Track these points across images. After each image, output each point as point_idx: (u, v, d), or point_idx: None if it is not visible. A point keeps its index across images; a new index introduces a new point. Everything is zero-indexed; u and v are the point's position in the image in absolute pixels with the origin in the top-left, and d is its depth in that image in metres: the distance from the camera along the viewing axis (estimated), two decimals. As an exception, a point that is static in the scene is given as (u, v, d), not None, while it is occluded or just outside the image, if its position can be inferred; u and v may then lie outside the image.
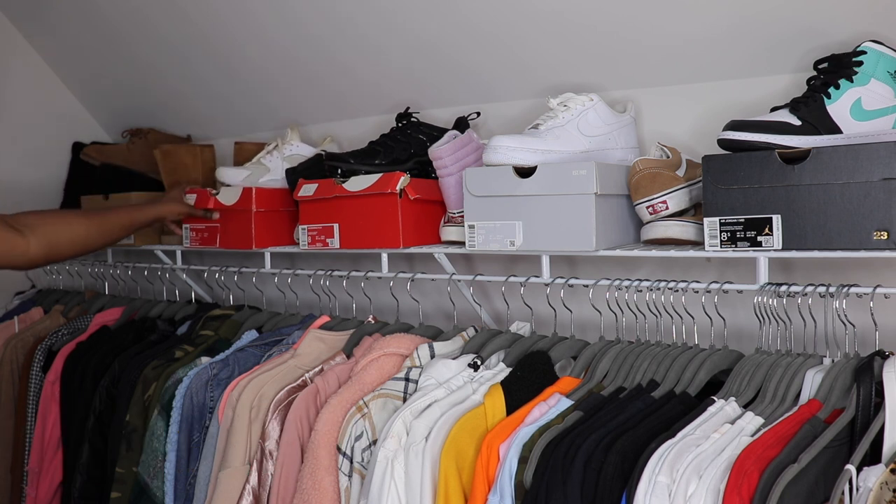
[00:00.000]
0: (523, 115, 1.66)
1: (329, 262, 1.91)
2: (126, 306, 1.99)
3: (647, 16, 1.40)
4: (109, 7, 2.06)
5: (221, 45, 1.98)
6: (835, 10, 1.26)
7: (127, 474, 1.54)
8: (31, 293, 2.33)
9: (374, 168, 1.58)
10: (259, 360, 1.55)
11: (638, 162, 1.32)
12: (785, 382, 1.10)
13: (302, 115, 2.04)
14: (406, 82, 1.80)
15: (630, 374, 1.21)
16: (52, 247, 1.56)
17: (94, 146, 2.28)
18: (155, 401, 1.54)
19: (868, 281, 1.18)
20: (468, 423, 1.15)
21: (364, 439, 1.24)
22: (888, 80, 1.17)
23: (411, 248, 1.54)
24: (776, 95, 1.35)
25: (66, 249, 1.60)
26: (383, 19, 1.67)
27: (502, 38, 1.58)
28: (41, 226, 1.55)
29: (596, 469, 1.00)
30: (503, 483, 1.07)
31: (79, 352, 1.80)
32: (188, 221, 1.89)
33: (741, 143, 1.18)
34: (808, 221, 1.14)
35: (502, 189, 1.36)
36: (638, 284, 1.29)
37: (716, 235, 1.21)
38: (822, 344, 1.21)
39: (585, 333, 1.49)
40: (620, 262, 1.56)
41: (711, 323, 1.27)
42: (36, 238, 1.53)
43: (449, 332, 1.46)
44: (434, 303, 1.81)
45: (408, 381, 1.30)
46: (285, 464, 1.30)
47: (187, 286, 2.02)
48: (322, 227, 1.62)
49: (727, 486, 0.92)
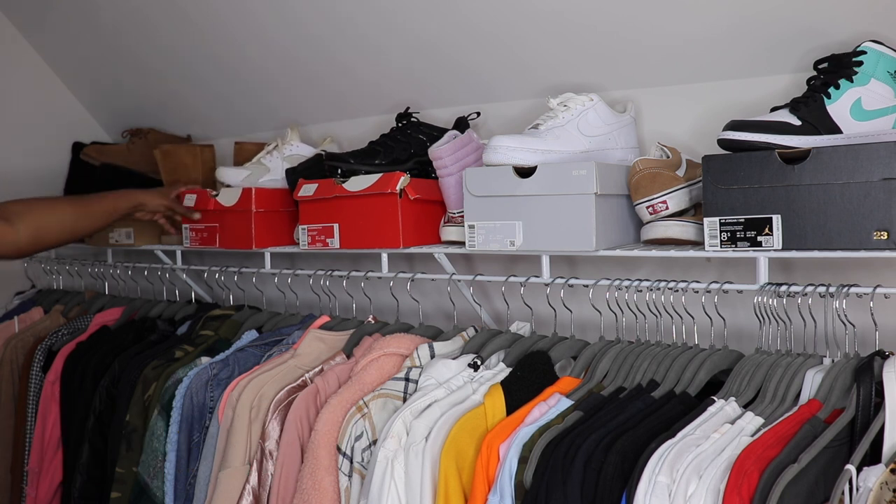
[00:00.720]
0: (523, 115, 1.66)
1: (329, 262, 1.91)
2: (126, 306, 1.99)
3: (647, 16, 1.40)
4: (109, 7, 2.06)
5: (221, 45, 1.98)
6: (835, 10, 1.26)
7: (127, 474, 1.54)
8: (31, 293, 2.32)
9: (374, 168, 1.58)
10: (259, 360, 1.55)
11: (638, 162, 1.32)
12: (785, 382, 1.10)
13: (302, 115, 2.04)
14: (406, 82, 1.80)
15: (630, 374, 1.21)
16: (41, 234, 1.56)
17: (94, 146, 2.28)
18: (155, 401, 1.54)
19: (868, 281, 1.18)
20: (468, 423, 1.15)
21: (364, 439, 1.24)
22: (888, 80, 1.17)
23: (411, 248, 1.54)
24: (776, 95, 1.35)
25: (53, 236, 1.61)
26: (383, 19, 1.67)
27: (502, 38, 1.58)
28: (28, 213, 1.55)
29: (596, 469, 1.00)
30: (503, 483, 1.07)
31: (79, 352, 1.80)
32: (187, 221, 1.89)
33: (741, 143, 1.18)
34: (808, 221, 1.14)
35: (502, 189, 1.36)
36: (638, 284, 1.29)
37: (716, 235, 1.21)
38: (822, 344, 1.21)
39: (585, 333, 1.49)
40: (620, 262, 1.56)
41: (711, 323, 1.27)
42: (24, 226, 1.53)
43: (449, 332, 1.46)
44: (434, 303, 1.81)
45: (408, 381, 1.30)
46: (285, 464, 1.30)
47: (187, 286, 2.02)
48: (322, 227, 1.62)
49: (727, 486, 0.92)
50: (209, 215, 1.84)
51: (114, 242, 2.09)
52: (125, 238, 2.07)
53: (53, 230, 1.59)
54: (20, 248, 1.54)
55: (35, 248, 1.59)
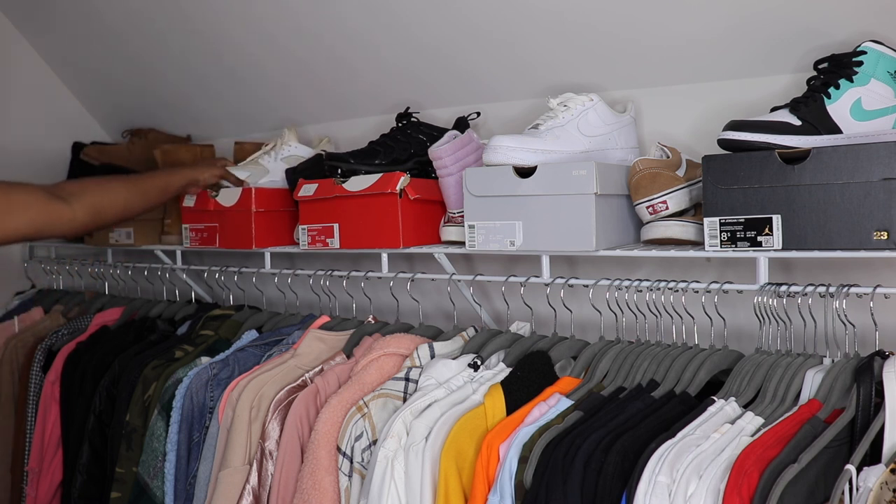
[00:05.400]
0: (523, 115, 1.66)
1: (329, 262, 1.91)
2: (126, 306, 1.99)
3: (647, 16, 1.40)
4: (109, 7, 2.06)
5: (221, 45, 1.98)
6: (835, 10, 1.26)
7: (127, 474, 1.54)
8: (31, 293, 2.32)
9: (374, 168, 1.58)
10: (259, 360, 1.55)
11: (638, 162, 1.32)
12: (785, 382, 1.11)
13: (302, 115, 2.04)
14: (406, 82, 1.80)
15: (630, 374, 1.21)
16: (98, 212, 1.59)
17: (94, 146, 2.27)
18: (155, 401, 1.54)
19: (868, 281, 1.18)
20: (468, 423, 1.15)
21: (364, 439, 1.24)
22: (888, 80, 1.17)
23: (411, 248, 1.54)
24: (776, 95, 1.35)
25: (109, 215, 1.63)
26: (383, 19, 1.67)
27: (502, 38, 1.58)
28: (83, 193, 1.57)
29: (596, 469, 1.00)
30: (503, 483, 1.07)
31: (79, 352, 1.80)
32: (188, 221, 1.89)
33: (741, 143, 1.18)
34: (808, 221, 1.14)
35: (502, 189, 1.36)
36: (638, 284, 1.29)
37: (716, 235, 1.21)
38: (822, 344, 1.21)
39: (585, 333, 1.49)
40: (620, 262, 1.56)
41: (711, 323, 1.27)
42: (81, 205, 1.56)
43: (449, 332, 1.46)
44: (434, 303, 1.81)
45: (408, 381, 1.30)
46: (285, 464, 1.30)
47: (187, 286, 2.02)
48: (322, 227, 1.62)
49: (727, 486, 0.92)
50: (209, 215, 1.84)
51: (114, 242, 2.09)
52: (125, 238, 2.07)
53: (109, 209, 1.62)
54: (77, 228, 1.58)
55: (93, 226, 1.63)
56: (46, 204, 1.51)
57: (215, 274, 1.87)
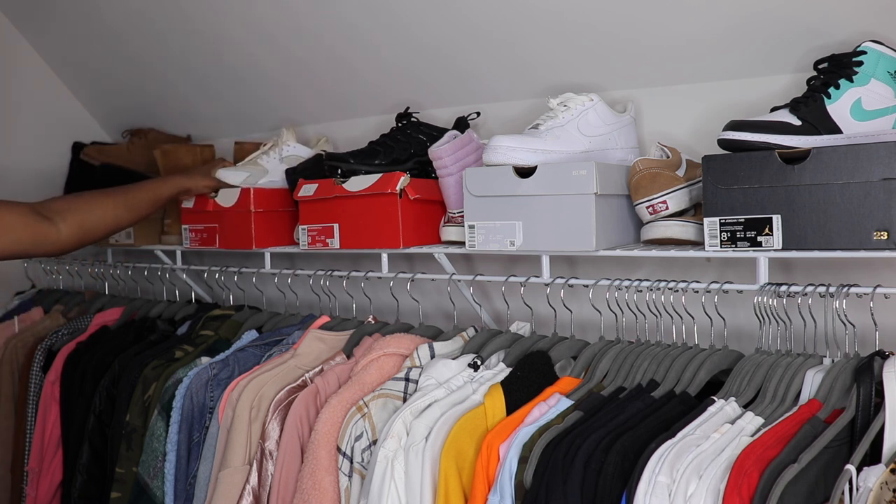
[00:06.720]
0: (523, 115, 1.66)
1: (329, 262, 1.91)
2: (126, 306, 1.99)
3: (647, 16, 1.40)
4: (109, 7, 2.06)
5: (221, 45, 1.98)
6: (835, 10, 1.26)
7: (127, 474, 1.54)
8: (31, 293, 2.32)
9: (374, 168, 1.58)
10: (259, 360, 1.55)
11: (638, 162, 1.32)
12: (785, 382, 1.10)
13: (302, 115, 2.04)
14: (406, 82, 1.80)
15: (630, 374, 1.21)
16: (85, 231, 1.58)
17: (94, 146, 2.28)
18: (155, 401, 1.54)
19: (868, 281, 1.18)
20: (468, 423, 1.15)
21: (364, 439, 1.24)
22: (888, 80, 1.17)
23: (411, 248, 1.54)
24: (776, 95, 1.35)
25: (98, 232, 1.62)
26: (383, 19, 1.67)
27: (502, 38, 1.58)
28: (69, 212, 1.56)
29: (596, 469, 1.00)
30: (503, 483, 1.07)
31: (79, 352, 1.80)
32: (187, 222, 1.89)
33: (741, 143, 1.18)
34: (808, 221, 1.14)
35: (502, 189, 1.36)
36: (638, 284, 1.29)
37: (716, 235, 1.21)
38: (822, 344, 1.21)
39: (585, 333, 1.49)
40: (620, 262, 1.56)
41: (711, 323, 1.27)
42: (66, 224, 1.55)
43: (449, 332, 1.46)
44: (434, 303, 1.81)
45: (408, 381, 1.30)
46: (285, 464, 1.30)
47: (187, 286, 2.02)
48: (322, 227, 1.62)
49: (727, 486, 0.92)
50: (209, 216, 1.84)
51: (114, 242, 2.09)
52: (125, 238, 2.07)
53: (97, 226, 1.61)
54: (63, 247, 1.56)
55: (79, 244, 1.61)
56: (31, 224, 1.50)
57: (215, 274, 1.87)
